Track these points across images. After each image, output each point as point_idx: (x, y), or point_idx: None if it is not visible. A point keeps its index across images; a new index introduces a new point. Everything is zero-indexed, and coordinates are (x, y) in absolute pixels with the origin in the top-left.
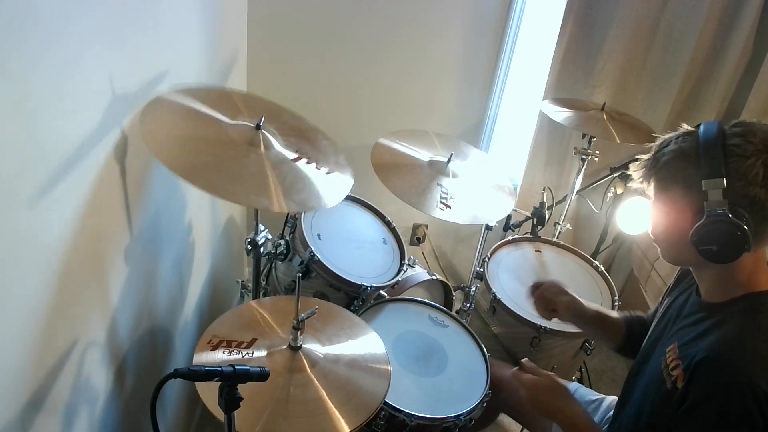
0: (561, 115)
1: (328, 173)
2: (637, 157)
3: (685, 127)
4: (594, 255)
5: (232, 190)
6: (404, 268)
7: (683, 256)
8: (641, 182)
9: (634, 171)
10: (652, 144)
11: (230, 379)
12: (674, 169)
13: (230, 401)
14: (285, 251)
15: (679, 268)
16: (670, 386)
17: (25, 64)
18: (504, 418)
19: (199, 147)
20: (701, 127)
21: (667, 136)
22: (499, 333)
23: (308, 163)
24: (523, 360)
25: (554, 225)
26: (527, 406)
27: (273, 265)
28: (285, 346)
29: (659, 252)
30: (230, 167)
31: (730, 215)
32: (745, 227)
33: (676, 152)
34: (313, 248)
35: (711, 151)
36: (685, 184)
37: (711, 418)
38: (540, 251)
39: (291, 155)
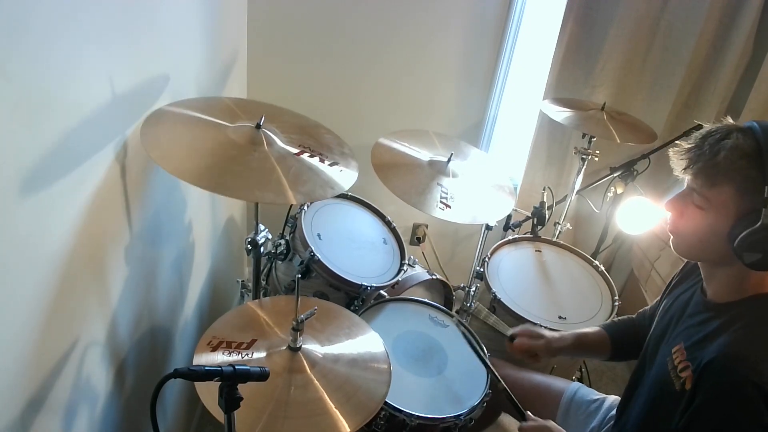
0: (561, 114)
1: (331, 165)
2: (677, 142)
3: (730, 120)
4: (594, 255)
5: (236, 186)
6: (404, 267)
7: (705, 252)
8: (684, 170)
9: (677, 158)
10: (696, 131)
11: (230, 379)
12: (733, 168)
13: (230, 401)
14: (285, 251)
15: (682, 266)
16: (679, 388)
17: (25, 65)
18: (504, 418)
19: (202, 151)
20: (757, 127)
21: (713, 127)
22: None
23: (311, 156)
24: (527, 412)
25: (554, 225)
26: None
27: (273, 264)
28: (284, 347)
29: (671, 242)
30: (233, 166)
31: None
32: None
33: (737, 150)
34: (313, 248)
35: None
36: (742, 185)
37: (721, 418)
38: (540, 251)
39: (294, 150)
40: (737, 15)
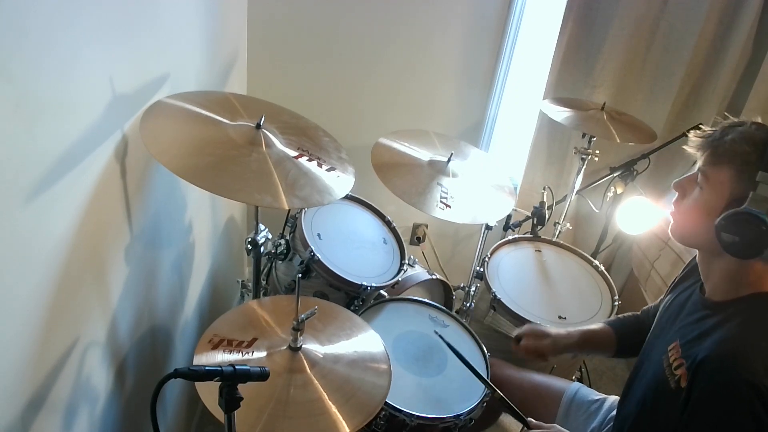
0: (561, 114)
1: (328, 170)
2: (700, 124)
3: (758, 119)
4: (594, 255)
5: (235, 188)
6: (404, 267)
7: (696, 236)
8: (696, 149)
9: (694, 137)
10: (720, 119)
11: (230, 379)
12: (736, 150)
13: (230, 401)
14: (285, 251)
15: (685, 265)
16: (674, 386)
17: (25, 65)
18: (504, 418)
19: (200, 148)
20: None
21: (737, 119)
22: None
23: (309, 160)
24: (528, 419)
25: (554, 225)
26: None
27: (273, 264)
28: (285, 347)
29: (670, 228)
30: (232, 166)
31: None
32: None
33: (745, 135)
34: (313, 248)
35: None
36: (740, 167)
37: (715, 417)
38: (540, 251)
39: (292, 153)
40: (737, 15)
